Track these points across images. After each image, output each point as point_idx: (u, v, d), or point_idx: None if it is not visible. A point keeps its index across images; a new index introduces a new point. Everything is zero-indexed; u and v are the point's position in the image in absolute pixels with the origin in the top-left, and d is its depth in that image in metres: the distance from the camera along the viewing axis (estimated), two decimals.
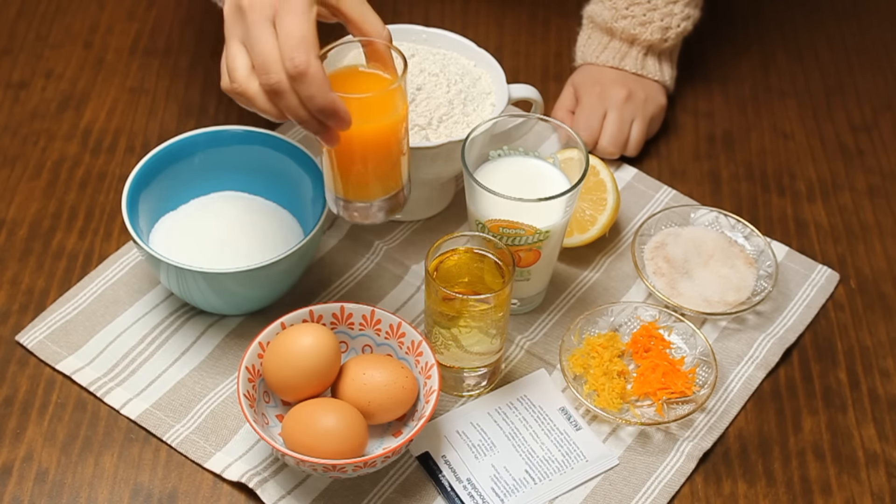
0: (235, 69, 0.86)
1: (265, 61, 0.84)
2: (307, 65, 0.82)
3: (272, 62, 0.83)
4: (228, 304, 1.04)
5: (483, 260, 0.98)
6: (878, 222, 1.18)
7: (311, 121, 0.85)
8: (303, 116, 0.85)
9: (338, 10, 0.88)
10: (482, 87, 1.10)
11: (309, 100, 0.83)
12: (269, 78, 0.84)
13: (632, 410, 1.01)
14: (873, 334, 1.09)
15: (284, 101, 0.84)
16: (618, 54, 1.23)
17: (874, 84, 1.32)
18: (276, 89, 0.84)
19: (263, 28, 0.84)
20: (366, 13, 0.89)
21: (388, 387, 0.95)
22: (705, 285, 1.09)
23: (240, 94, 0.86)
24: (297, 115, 0.85)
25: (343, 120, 0.85)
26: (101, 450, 0.98)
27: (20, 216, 1.14)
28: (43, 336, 1.04)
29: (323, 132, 0.86)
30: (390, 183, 0.94)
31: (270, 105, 0.85)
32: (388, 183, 0.94)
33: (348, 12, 0.88)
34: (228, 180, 1.10)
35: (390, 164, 0.93)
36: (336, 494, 0.96)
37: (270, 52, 0.83)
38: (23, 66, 1.28)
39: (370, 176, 0.92)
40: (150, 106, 1.25)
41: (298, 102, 0.84)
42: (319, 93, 0.83)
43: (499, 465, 0.98)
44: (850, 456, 1.01)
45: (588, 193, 1.12)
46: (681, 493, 0.98)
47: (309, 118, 0.85)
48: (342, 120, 0.85)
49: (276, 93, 0.84)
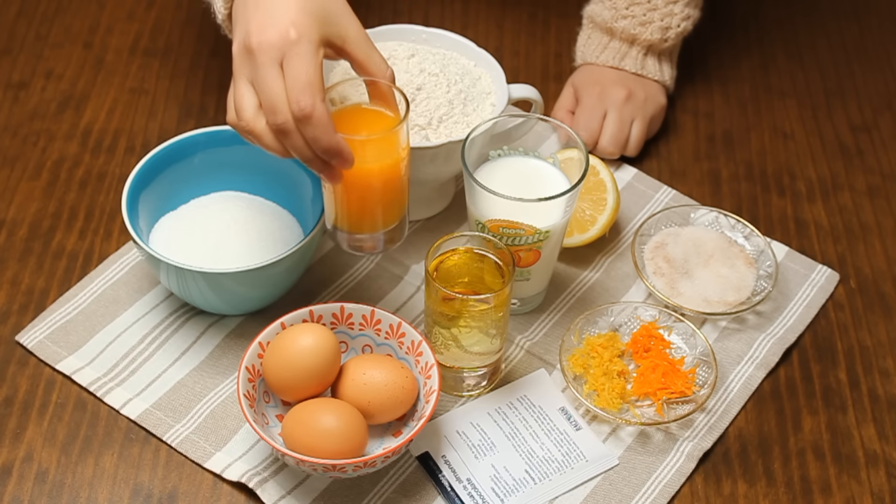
0: (243, 108, 0.88)
1: (273, 102, 0.86)
2: (312, 108, 0.85)
3: (279, 103, 0.86)
4: (228, 304, 1.04)
5: (483, 260, 0.98)
6: (878, 222, 1.18)
7: (315, 160, 0.88)
8: (308, 156, 0.88)
9: (343, 50, 0.92)
10: (482, 87, 1.10)
11: (314, 141, 0.86)
12: (276, 118, 0.86)
13: (632, 410, 1.01)
14: (873, 334, 1.09)
15: (290, 141, 0.87)
16: (618, 54, 1.23)
17: (874, 84, 1.32)
18: (283, 129, 0.87)
19: (271, 70, 0.86)
20: (371, 54, 0.92)
21: (387, 387, 0.95)
22: (705, 285, 1.09)
23: (247, 131, 0.89)
24: (301, 154, 0.88)
25: (346, 160, 0.88)
26: (101, 450, 0.98)
27: (20, 216, 1.14)
28: (43, 336, 1.04)
29: (326, 171, 0.89)
30: (390, 217, 0.97)
31: (277, 143, 0.88)
32: (388, 217, 0.97)
33: (354, 53, 0.92)
34: (228, 180, 1.10)
35: (390, 201, 0.95)
36: (336, 494, 0.96)
37: (278, 94, 0.86)
38: (23, 66, 1.28)
39: (370, 211, 0.95)
40: (150, 106, 1.25)
41: (304, 143, 0.87)
42: (324, 135, 0.86)
43: (499, 465, 0.98)
44: (850, 456, 1.01)
45: (588, 193, 1.12)
46: (681, 493, 0.98)
47: (313, 158, 0.88)
48: (345, 160, 0.88)
49: (282, 132, 0.87)
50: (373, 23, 1.14)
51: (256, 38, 0.87)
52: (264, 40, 0.87)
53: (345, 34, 0.91)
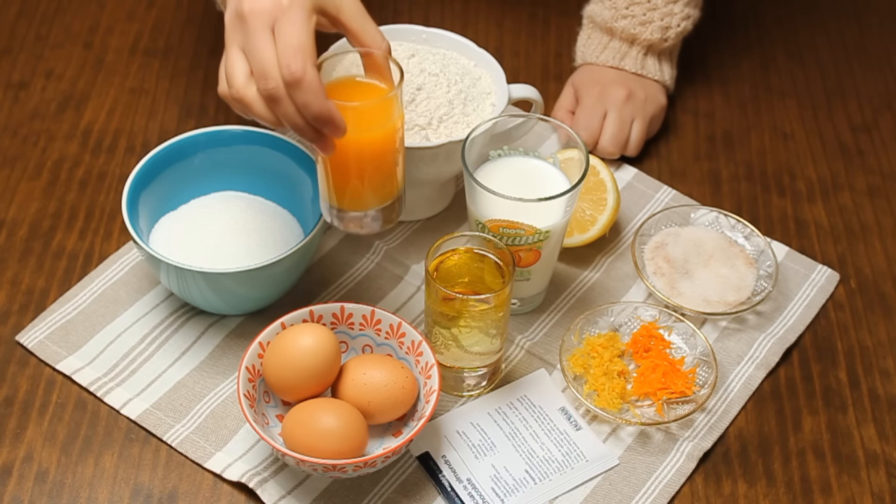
0: (234, 75, 0.87)
1: (263, 67, 0.85)
2: (303, 72, 0.84)
3: (270, 68, 0.85)
4: (228, 304, 1.04)
5: (483, 260, 0.98)
6: (878, 222, 1.18)
7: (306, 128, 0.86)
8: (299, 123, 0.86)
9: (338, 20, 0.90)
10: (482, 87, 1.10)
11: (304, 107, 0.85)
12: (266, 84, 0.85)
13: (632, 410, 1.01)
14: (873, 334, 1.09)
15: (281, 108, 0.86)
16: (618, 54, 1.23)
17: (874, 84, 1.32)
18: (274, 95, 0.85)
19: (263, 35, 0.85)
20: (366, 25, 0.90)
21: (388, 387, 0.95)
22: (705, 285, 1.09)
23: (237, 99, 0.87)
24: (293, 122, 0.86)
25: (338, 127, 0.86)
26: (101, 450, 0.98)
27: (20, 216, 1.14)
28: (43, 336, 1.04)
29: (318, 140, 0.87)
30: (385, 193, 0.95)
31: (267, 111, 0.87)
32: (384, 193, 0.95)
33: (348, 23, 0.90)
34: (228, 180, 1.10)
35: (385, 174, 0.94)
36: (336, 494, 0.96)
37: (269, 59, 0.85)
38: (23, 66, 1.28)
39: (365, 185, 0.93)
40: (150, 106, 1.25)
41: (295, 109, 0.85)
42: (315, 100, 0.84)
43: (499, 465, 0.98)
44: (850, 456, 1.01)
45: (588, 193, 1.12)
46: (681, 493, 0.98)
47: (305, 125, 0.86)
48: (337, 127, 0.86)
49: (273, 99, 0.85)
50: None
51: (248, 4, 0.86)
52: (256, 6, 0.86)
53: (339, 3, 0.90)
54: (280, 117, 0.87)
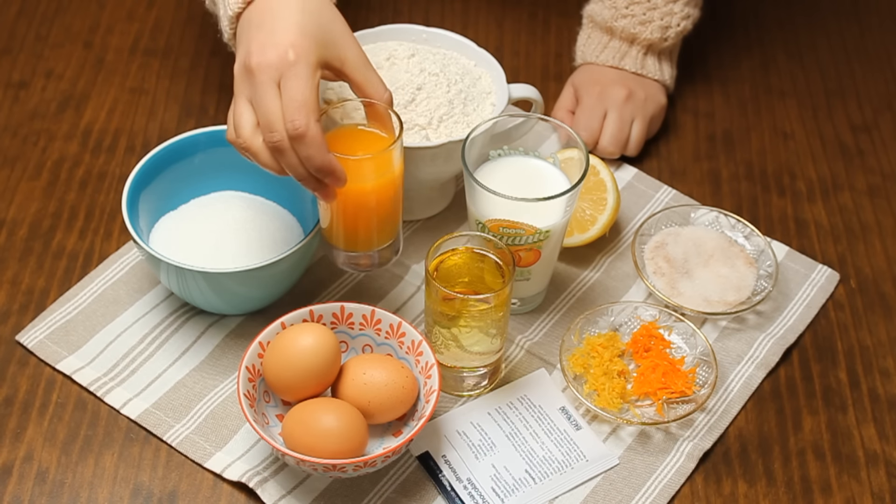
0: (241, 125, 0.91)
1: (269, 121, 0.89)
2: (306, 127, 0.88)
3: (275, 122, 0.89)
4: (228, 304, 1.04)
5: (483, 260, 0.98)
6: (878, 222, 1.18)
7: (309, 178, 0.90)
8: (302, 174, 0.90)
9: (342, 73, 0.94)
10: (482, 87, 1.10)
11: (307, 159, 0.89)
12: (272, 136, 0.89)
13: (632, 410, 1.01)
14: (873, 334, 1.09)
15: (285, 159, 0.90)
16: (617, 54, 1.23)
17: (874, 84, 1.32)
18: (279, 147, 0.89)
19: (269, 90, 0.89)
20: (369, 76, 0.95)
21: (388, 387, 0.95)
22: (705, 285, 1.09)
23: (244, 148, 0.91)
24: (296, 173, 0.90)
25: (339, 179, 0.90)
26: (101, 450, 0.98)
27: (20, 216, 1.14)
28: (43, 336, 1.04)
29: (320, 189, 0.92)
30: (383, 236, 0.99)
31: (273, 161, 0.91)
32: (382, 236, 0.99)
33: (352, 75, 0.94)
34: (228, 180, 1.10)
35: (383, 219, 0.98)
36: (336, 494, 0.96)
37: (274, 113, 0.89)
38: (23, 66, 1.28)
39: (364, 229, 0.98)
40: (150, 106, 1.25)
41: (298, 161, 0.90)
42: (317, 154, 0.88)
43: (499, 464, 0.98)
44: (850, 456, 1.01)
45: (588, 193, 1.12)
46: (681, 493, 0.98)
47: (307, 176, 0.90)
48: (338, 179, 0.90)
49: (277, 150, 0.89)
50: (373, 23, 1.14)
51: (256, 58, 0.90)
52: (263, 61, 0.89)
53: (343, 56, 0.93)
54: (284, 167, 0.90)
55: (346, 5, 1.05)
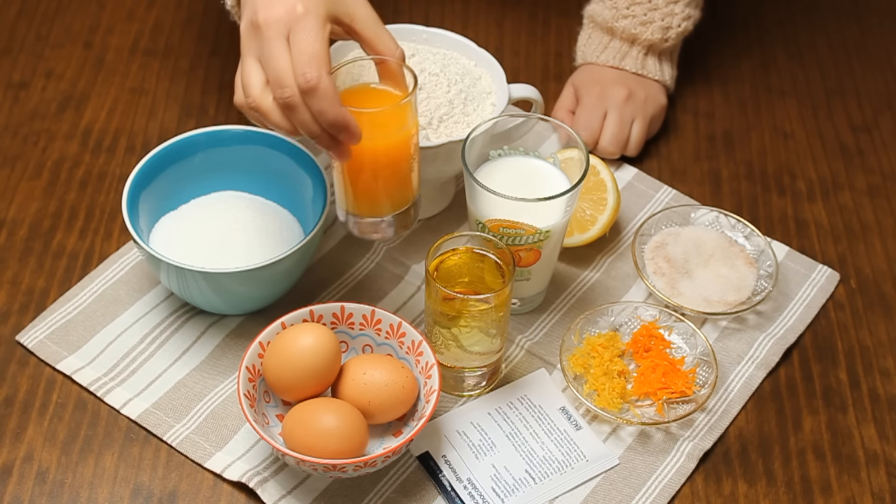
0: (250, 84, 0.88)
1: (279, 76, 0.86)
2: (318, 79, 0.85)
3: (286, 77, 0.86)
4: (228, 304, 1.04)
5: (483, 260, 0.98)
6: (878, 222, 1.18)
7: (322, 135, 0.87)
8: (315, 131, 0.87)
9: (352, 28, 0.91)
10: (482, 87, 1.10)
11: (320, 114, 0.86)
12: (283, 92, 0.86)
13: (632, 410, 1.01)
14: (873, 334, 1.09)
15: (297, 116, 0.87)
16: (618, 54, 1.23)
17: (874, 84, 1.32)
18: (290, 103, 0.86)
19: (278, 44, 0.86)
20: (379, 32, 0.92)
21: (388, 387, 0.95)
22: (705, 285, 1.09)
23: (254, 108, 0.88)
24: (309, 130, 0.87)
25: (353, 134, 0.87)
26: (101, 450, 0.98)
27: (20, 216, 1.14)
28: (43, 336, 1.04)
29: (334, 147, 0.88)
30: (400, 199, 0.96)
31: (284, 119, 0.88)
32: (398, 199, 0.96)
33: (362, 31, 0.91)
34: (228, 180, 1.10)
35: (400, 180, 0.95)
36: (336, 494, 0.96)
37: (284, 68, 0.86)
38: (23, 66, 1.28)
39: (380, 191, 0.95)
40: (150, 106, 1.25)
41: (311, 117, 0.86)
42: (330, 107, 0.85)
43: (499, 464, 0.98)
44: (851, 456, 1.01)
45: (588, 193, 1.12)
46: (681, 493, 0.98)
47: (321, 132, 0.87)
48: (353, 134, 0.87)
49: (289, 107, 0.87)
50: None
51: (263, 14, 0.87)
52: (271, 16, 0.87)
53: (353, 12, 0.91)
54: (296, 125, 0.88)
55: None
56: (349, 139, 0.88)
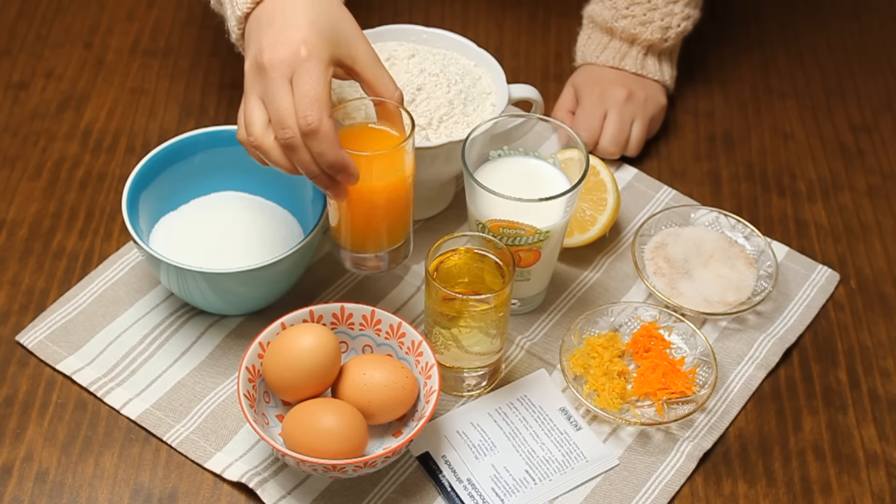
0: (253, 123, 0.90)
1: (281, 117, 0.88)
2: (319, 122, 0.87)
3: (288, 118, 0.88)
4: (228, 304, 1.04)
5: (483, 260, 0.98)
6: (878, 222, 1.18)
7: (321, 176, 0.90)
8: (314, 171, 0.90)
9: (353, 70, 0.93)
10: (482, 88, 1.10)
11: (320, 156, 0.88)
12: (284, 133, 0.88)
13: (632, 410, 1.01)
14: (873, 334, 1.09)
15: (297, 156, 0.89)
16: (618, 54, 1.23)
17: (874, 84, 1.32)
18: (291, 144, 0.88)
19: (281, 86, 0.88)
20: (379, 74, 0.94)
21: (388, 387, 0.95)
22: (705, 285, 1.09)
23: (256, 146, 0.91)
24: (308, 170, 0.90)
25: (352, 175, 0.90)
26: (101, 450, 0.98)
27: (20, 216, 1.14)
28: (43, 336, 1.04)
29: (332, 187, 0.91)
30: (394, 237, 0.99)
31: (284, 159, 0.90)
32: (392, 236, 0.99)
33: (363, 73, 0.94)
34: (228, 180, 1.10)
35: (395, 219, 0.97)
36: (336, 494, 0.96)
37: (286, 109, 0.88)
38: (23, 67, 1.28)
39: (375, 229, 0.97)
40: (150, 106, 1.25)
41: (310, 158, 0.89)
42: (330, 149, 0.88)
43: (499, 465, 0.98)
44: (851, 456, 1.01)
45: (588, 193, 1.12)
46: (681, 494, 0.98)
47: (320, 173, 0.90)
48: (351, 175, 0.90)
49: (290, 147, 0.89)
50: (373, 23, 1.14)
51: (268, 55, 0.89)
52: (275, 57, 0.89)
53: (354, 54, 0.93)
54: (296, 165, 0.90)
55: (347, 6, 1.05)
56: (347, 180, 0.90)
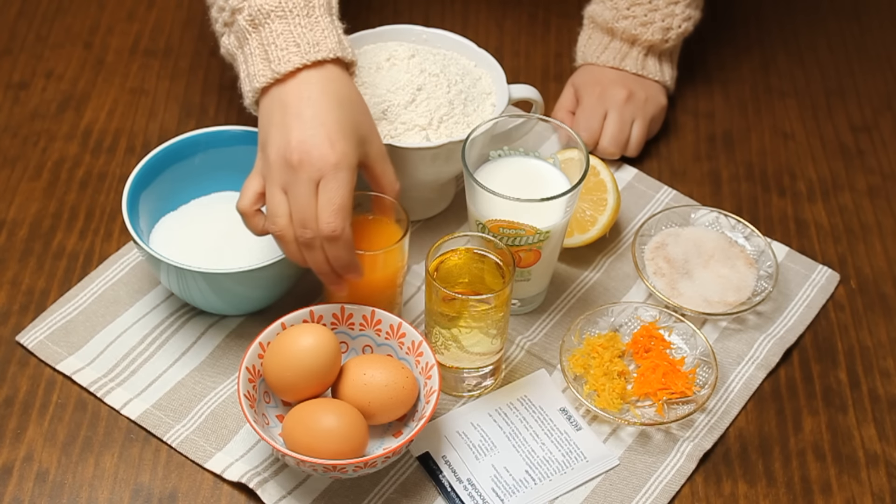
0: (278, 214, 0.93)
1: (304, 218, 0.92)
2: (342, 231, 0.91)
3: (310, 220, 0.91)
4: (228, 305, 1.04)
5: (483, 260, 0.98)
6: (878, 222, 1.18)
7: (330, 274, 0.95)
8: (325, 270, 0.94)
9: (365, 165, 0.97)
10: (482, 88, 1.10)
11: (336, 259, 0.93)
12: (304, 233, 0.92)
13: (632, 411, 1.01)
14: (873, 334, 1.09)
15: (312, 255, 0.93)
16: (618, 54, 1.23)
17: (874, 84, 1.32)
18: (309, 244, 0.93)
19: (308, 188, 0.91)
20: (385, 170, 0.98)
21: (388, 387, 0.95)
22: (705, 285, 1.09)
23: (279, 237, 0.94)
24: (319, 268, 0.94)
25: (359, 274, 0.95)
26: (101, 450, 0.98)
27: (20, 216, 1.14)
28: (43, 336, 1.04)
29: (337, 282, 0.96)
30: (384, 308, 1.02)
31: (299, 253, 0.94)
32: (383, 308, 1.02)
33: (373, 167, 0.98)
34: (228, 180, 1.10)
35: (387, 302, 1.02)
36: (336, 495, 0.96)
37: (309, 211, 0.91)
38: (23, 67, 1.28)
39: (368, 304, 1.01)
40: (150, 106, 1.25)
41: (324, 258, 0.93)
42: (346, 254, 0.93)
43: (499, 465, 0.98)
44: (851, 456, 1.01)
45: (588, 194, 1.12)
46: (681, 494, 0.98)
47: (329, 271, 0.94)
48: (358, 274, 0.95)
49: (307, 246, 0.93)
50: (373, 23, 1.14)
51: (298, 156, 0.91)
52: (306, 159, 0.91)
53: (369, 151, 0.96)
54: (308, 260, 0.94)
55: (347, 5, 1.05)
56: (354, 278, 0.95)
